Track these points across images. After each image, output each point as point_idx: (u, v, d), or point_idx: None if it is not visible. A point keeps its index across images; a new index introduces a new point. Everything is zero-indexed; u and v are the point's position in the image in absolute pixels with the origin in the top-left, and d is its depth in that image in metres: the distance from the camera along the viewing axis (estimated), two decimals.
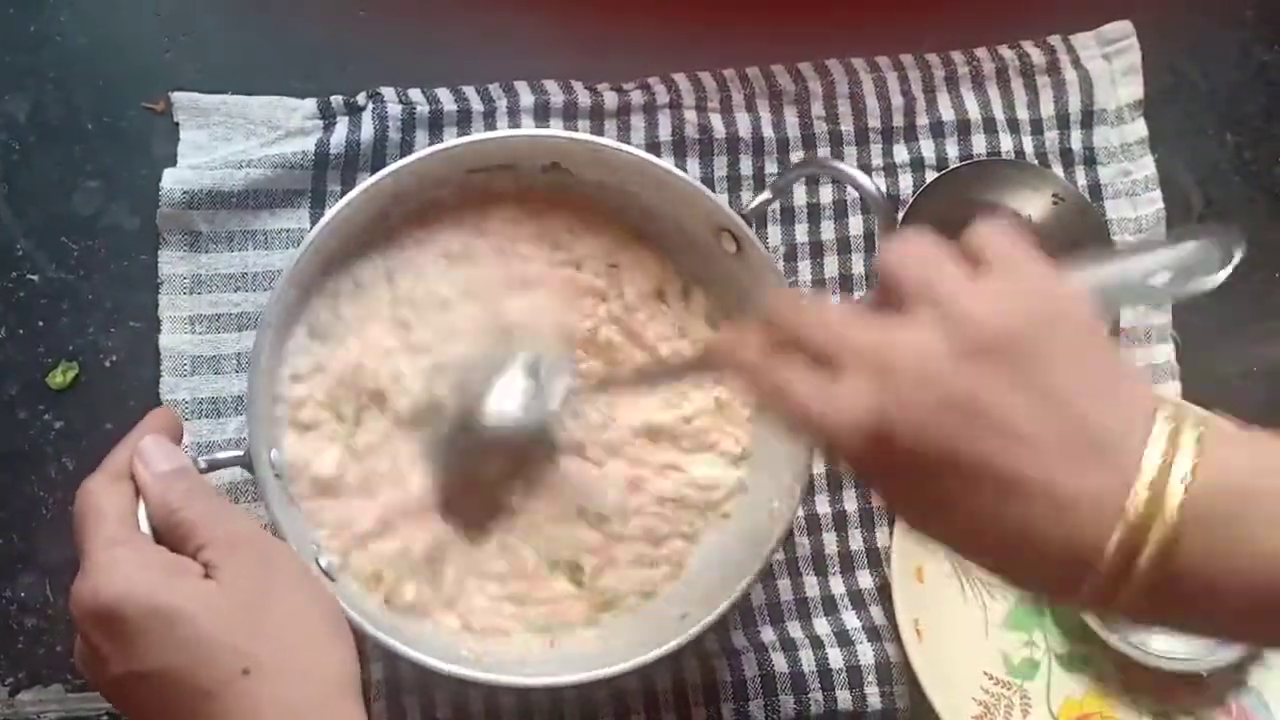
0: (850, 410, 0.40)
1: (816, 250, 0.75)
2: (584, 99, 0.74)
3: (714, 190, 0.72)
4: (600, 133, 0.74)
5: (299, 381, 0.64)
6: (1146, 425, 0.38)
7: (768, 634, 0.69)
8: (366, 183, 0.62)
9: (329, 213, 0.62)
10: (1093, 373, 0.40)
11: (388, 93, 0.72)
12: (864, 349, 0.41)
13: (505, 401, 0.63)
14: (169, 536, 0.51)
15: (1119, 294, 0.48)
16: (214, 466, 0.59)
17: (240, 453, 0.60)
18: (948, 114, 0.76)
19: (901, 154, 0.76)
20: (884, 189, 0.75)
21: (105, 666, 0.47)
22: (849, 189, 0.74)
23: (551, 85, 0.74)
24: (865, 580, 0.71)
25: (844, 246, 0.74)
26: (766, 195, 0.65)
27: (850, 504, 0.72)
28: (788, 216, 0.75)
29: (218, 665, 0.46)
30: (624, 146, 0.64)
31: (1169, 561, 0.37)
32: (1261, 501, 0.37)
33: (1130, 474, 0.37)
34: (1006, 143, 0.76)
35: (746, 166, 0.75)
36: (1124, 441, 0.38)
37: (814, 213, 0.75)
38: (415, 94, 0.73)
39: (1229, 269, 0.45)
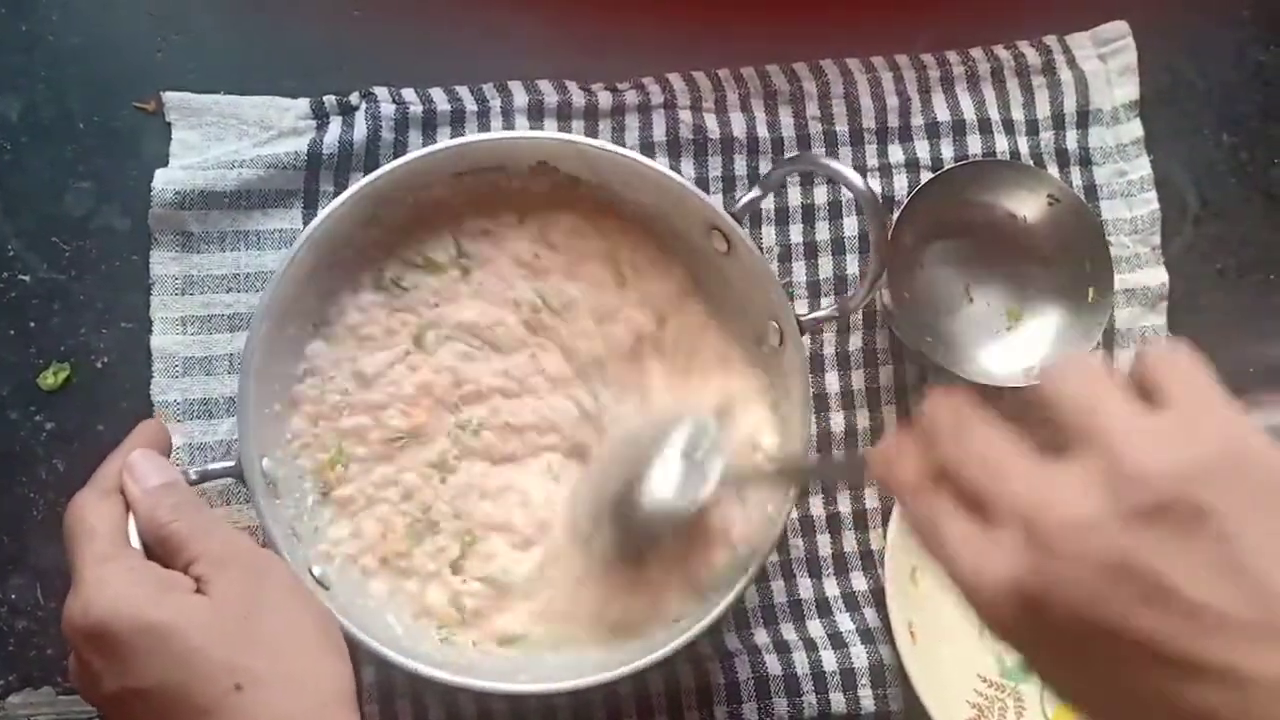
0: (999, 570, 0.37)
1: (810, 251, 0.74)
2: (578, 99, 0.74)
3: (708, 191, 0.72)
4: (594, 133, 0.74)
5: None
6: None
7: (761, 636, 0.69)
8: (359, 184, 0.62)
9: (321, 213, 0.62)
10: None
11: (381, 93, 0.72)
12: (1020, 500, 0.37)
13: (663, 485, 0.60)
14: (159, 551, 0.51)
15: None
16: (205, 478, 0.59)
17: (232, 463, 0.60)
18: (943, 114, 0.76)
19: (897, 154, 0.76)
20: (879, 190, 0.75)
21: (99, 683, 0.47)
22: (844, 189, 0.74)
23: (545, 85, 0.74)
24: (859, 582, 0.71)
25: (838, 248, 0.74)
26: (756, 192, 0.65)
27: (844, 506, 0.72)
28: (782, 217, 0.74)
29: (210, 681, 0.46)
30: (610, 146, 0.64)
31: None
32: None
33: None
34: (1002, 143, 0.76)
35: (741, 167, 0.74)
36: None
37: (808, 213, 0.75)
38: (409, 94, 0.72)
39: None
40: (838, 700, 0.68)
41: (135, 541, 0.51)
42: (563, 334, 0.67)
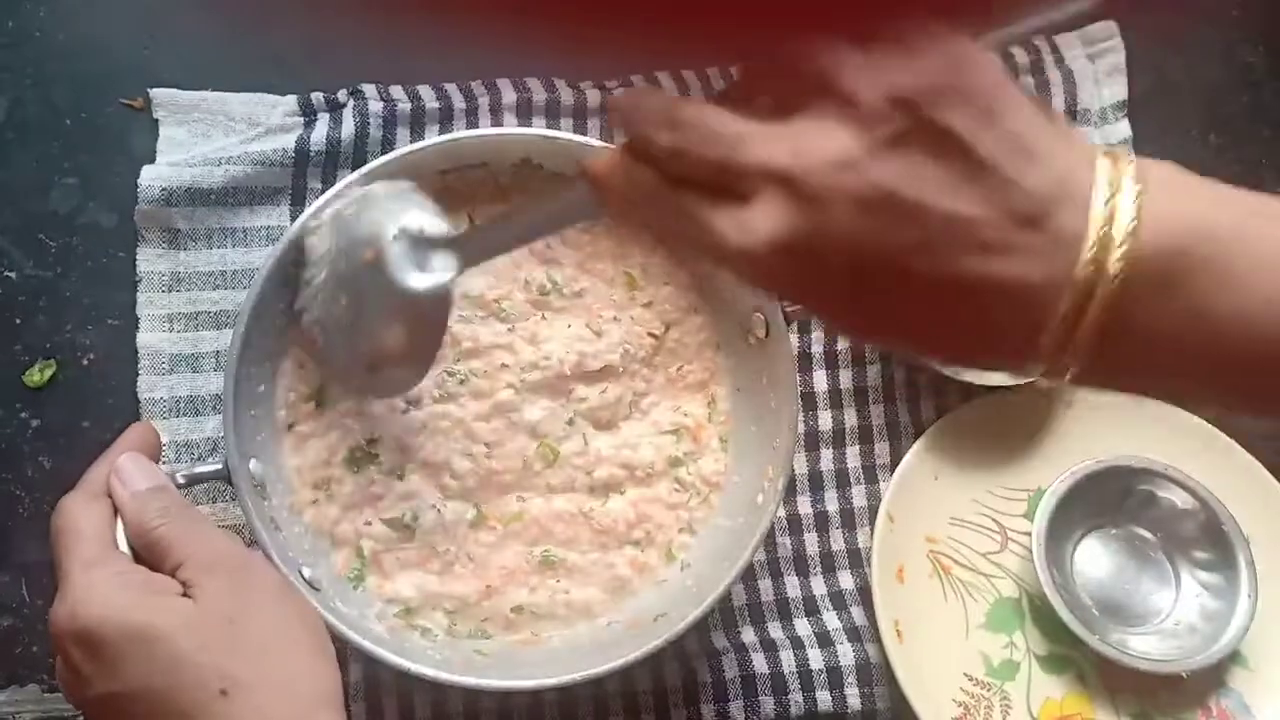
0: (765, 231, 0.37)
1: None
2: (566, 97, 0.74)
3: None
4: (583, 131, 0.73)
5: None
6: (1084, 179, 0.36)
7: (748, 635, 0.69)
8: (346, 180, 0.62)
9: (309, 210, 0.61)
10: (1017, 133, 0.36)
11: (369, 90, 0.72)
12: (766, 161, 0.37)
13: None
14: (147, 555, 0.51)
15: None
16: (193, 481, 0.59)
17: (219, 466, 0.60)
18: None
19: None
20: None
21: (85, 686, 0.47)
22: None
23: (534, 83, 0.74)
24: (846, 581, 0.71)
25: None
26: None
27: (832, 504, 0.72)
28: None
29: (196, 685, 0.46)
30: (598, 143, 0.64)
31: (1115, 318, 0.35)
32: (1206, 261, 0.35)
33: (1075, 235, 0.35)
34: None
35: None
36: (1061, 205, 0.35)
37: None
38: (397, 91, 0.72)
39: None
40: (824, 699, 0.68)
41: (123, 545, 0.51)
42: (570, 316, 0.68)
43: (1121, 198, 0.35)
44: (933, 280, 0.36)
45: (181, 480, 0.58)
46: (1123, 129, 0.77)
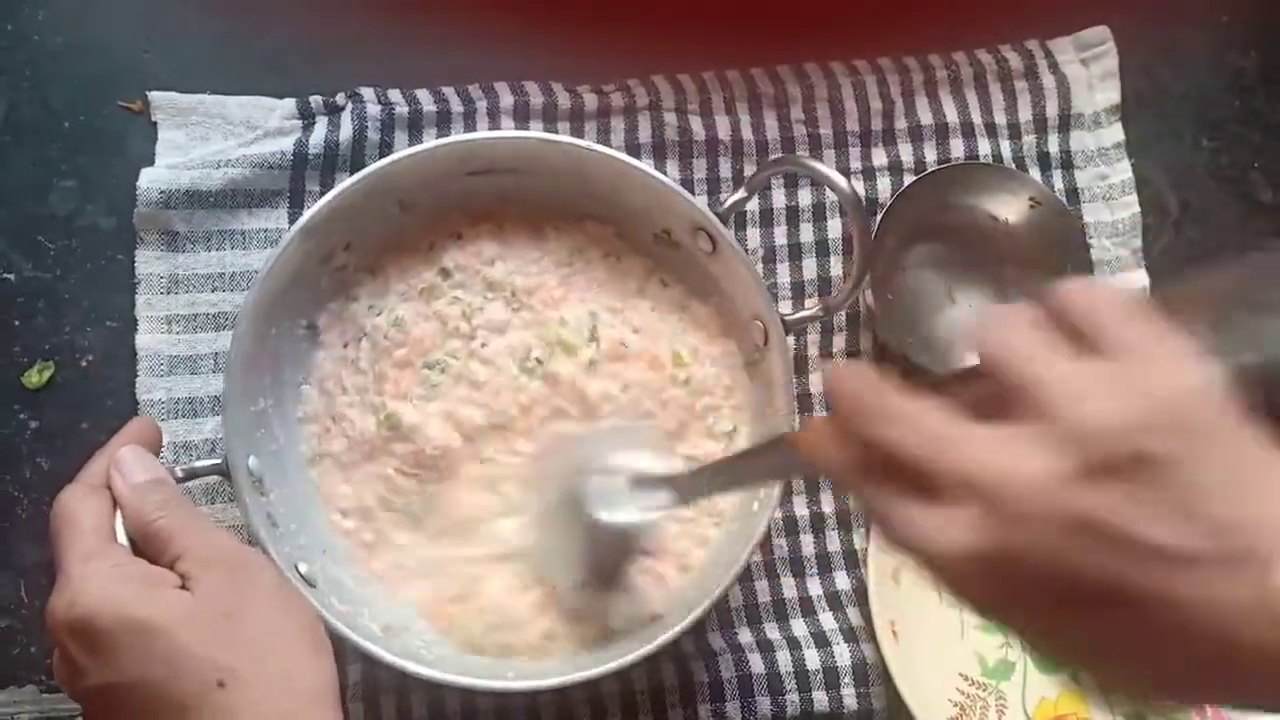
0: (961, 545, 0.36)
1: (795, 253, 0.75)
2: (564, 100, 0.74)
3: (693, 192, 0.72)
4: (580, 134, 0.74)
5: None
6: None
7: (745, 635, 0.70)
8: (345, 183, 0.62)
9: (307, 213, 0.62)
10: (1231, 466, 0.35)
11: (367, 93, 0.72)
12: (970, 473, 0.36)
13: (605, 503, 0.60)
14: (145, 548, 0.51)
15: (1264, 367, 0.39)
16: (191, 475, 0.59)
17: (218, 461, 0.60)
18: (926, 118, 0.77)
19: (880, 157, 0.76)
20: (862, 192, 0.75)
21: (82, 678, 0.47)
22: (828, 192, 0.74)
23: (531, 86, 0.74)
24: (842, 582, 0.72)
25: (822, 249, 0.75)
26: (741, 193, 0.65)
27: (828, 506, 0.73)
28: (766, 219, 0.75)
29: (193, 678, 0.46)
30: (598, 147, 0.65)
31: None
32: None
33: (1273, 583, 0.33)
34: (984, 147, 0.77)
35: (726, 169, 0.75)
36: (1265, 539, 0.34)
37: (793, 215, 0.75)
38: (394, 94, 0.73)
39: None
40: (821, 699, 0.68)
41: (122, 538, 0.51)
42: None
43: None
44: (1136, 602, 0.34)
45: (180, 474, 0.58)
46: (1116, 133, 0.78)
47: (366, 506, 0.65)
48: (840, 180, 0.62)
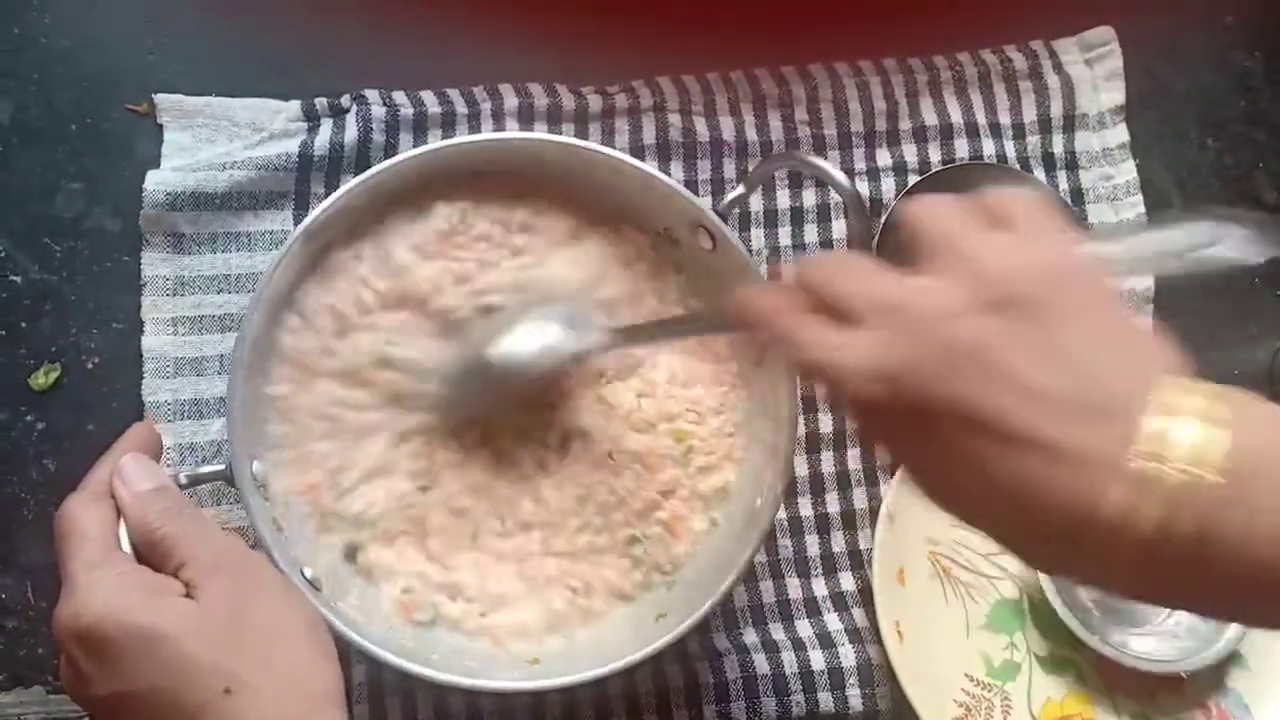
0: (862, 356, 0.41)
1: (799, 253, 0.75)
2: (568, 102, 0.74)
3: (697, 194, 0.72)
4: (584, 136, 0.74)
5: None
6: (1150, 388, 0.38)
7: (750, 636, 0.70)
8: (349, 185, 0.62)
9: (312, 214, 0.62)
10: (1103, 332, 0.40)
11: (372, 95, 0.72)
12: (881, 299, 0.42)
13: (523, 343, 0.62)
14: (150, 555, 0.51)
15: (1135, 262, 0.46)
16: (195, 482, 0.59)
17: (222, 466, 0.60)
18: (930, 118, 0.77)
19: (884, 158, 0.76)
20: (867, 193, 0.75)
21: (89, 687, 0.47)
22: (832, 192, 0.74)
23: (536, 88, 0.74)
24: (847, 582, 0.72)
25: (827, 249, 0.75)
26: (741, 189, 0.65)
27: (833, 506, 0.73)
28: (770, 219, 0.75)
29: (200, 685, 0.46)
30: (600, 148, 0.65)
31: (1163, 531, 0.36)
32: (1259, 485, 0.36)
33: (1130, 438, 0.37)
34: (989, 147, 0.77)
35: (730, 170, 0.75)
36: (1128, 404, 0.37)
37: (796, 215, 0.75)
38: (399, 96, 0.73)
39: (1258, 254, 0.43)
40: (826, 699, 0.68)
41: (126, 546, 0.52)
42: None
43: (1187, 409, 0.37)
44: (1000, 438, 0.39)
45: (184, 481, 0.58)
46: (1120, 133, 0.78)
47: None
48: (840, 176, 0.61)
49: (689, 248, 0.67)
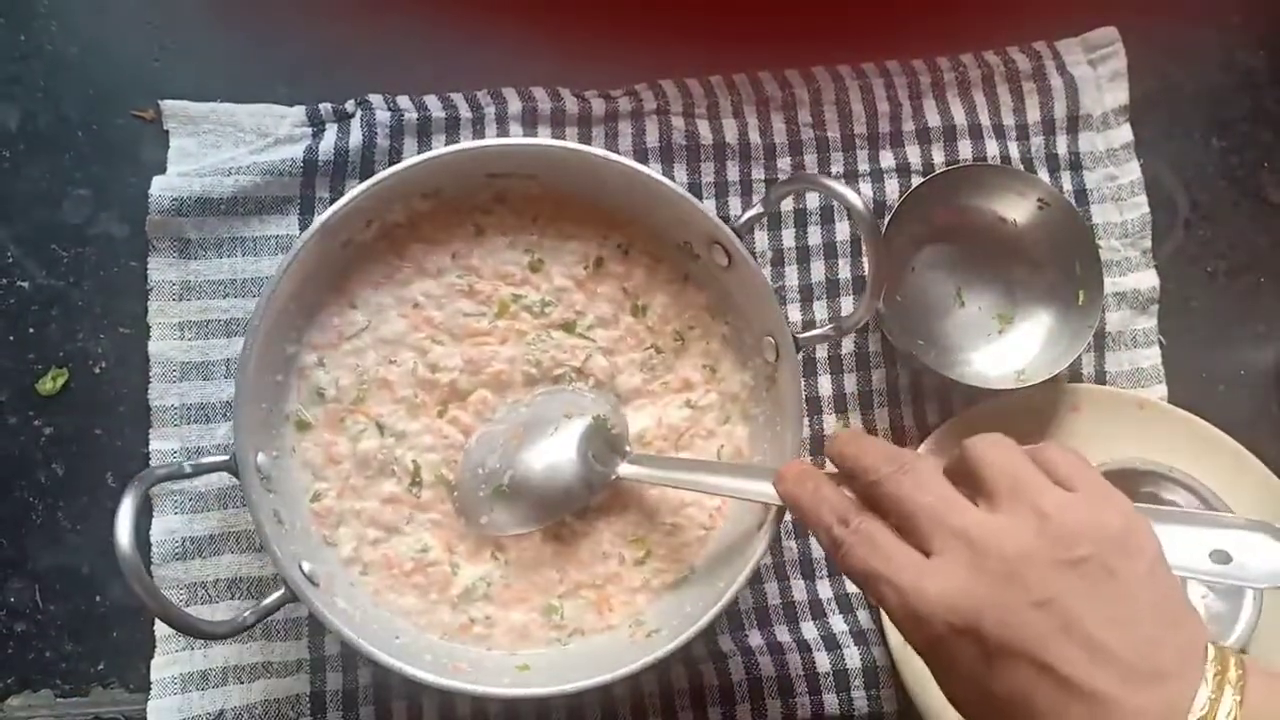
0: (943, 590, 0.44)
1: (803, 255, 0.75)
2: (572, 106, 0.74)
3: (701, 197, 0.72)
4: (588, 139, 0.74)
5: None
6: (1200, 660, 0.42)
7: (755, 638, 0.70)
8: (354, 190, 0.62)
9: (318, 219, 0.62)
10: (1160, 603, 0.43)
11: (376, 100, 0.72)
12: (961, 533, 0.45)
13: (554, 463, 0.65)
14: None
15: (1185, 552, 0.49)
16: (199, 471, 0.60)
17: (225, 457, 0.60)
18: (934, 120, 0.77)
19: (888, 160, 0.76)
20: (870, 195, 0.75)
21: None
22: None
23: (539, 92, 0.75)
24: (852, 584, 0.72)
25: (830, 252, 0.75)
26: (758, 209, 0.65)
27: None
28: (774, 222, 0.75)
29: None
30: (611, 155, 0.65)
31: None
32: None
33: (1183, 704, 0.41)
34: (992, 148, 0.77)
35: (733, 173, 0.75)
36: (1182, 671, 0.42)
37: (800, 219, 0.75)
38: (404, 101, 0.73)
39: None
40: (831, 701, 0.68)
41: None
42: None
43: (1229, 680, 0.42)
44: (1060, 682, 0.42)
45: (189, 470, 0.59)
46: (1125, 133, 0.78)
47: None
48: (855, 200, 0.60)
49: (707, 263, 0.67)
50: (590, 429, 0.66)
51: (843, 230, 0.75)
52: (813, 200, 0.75)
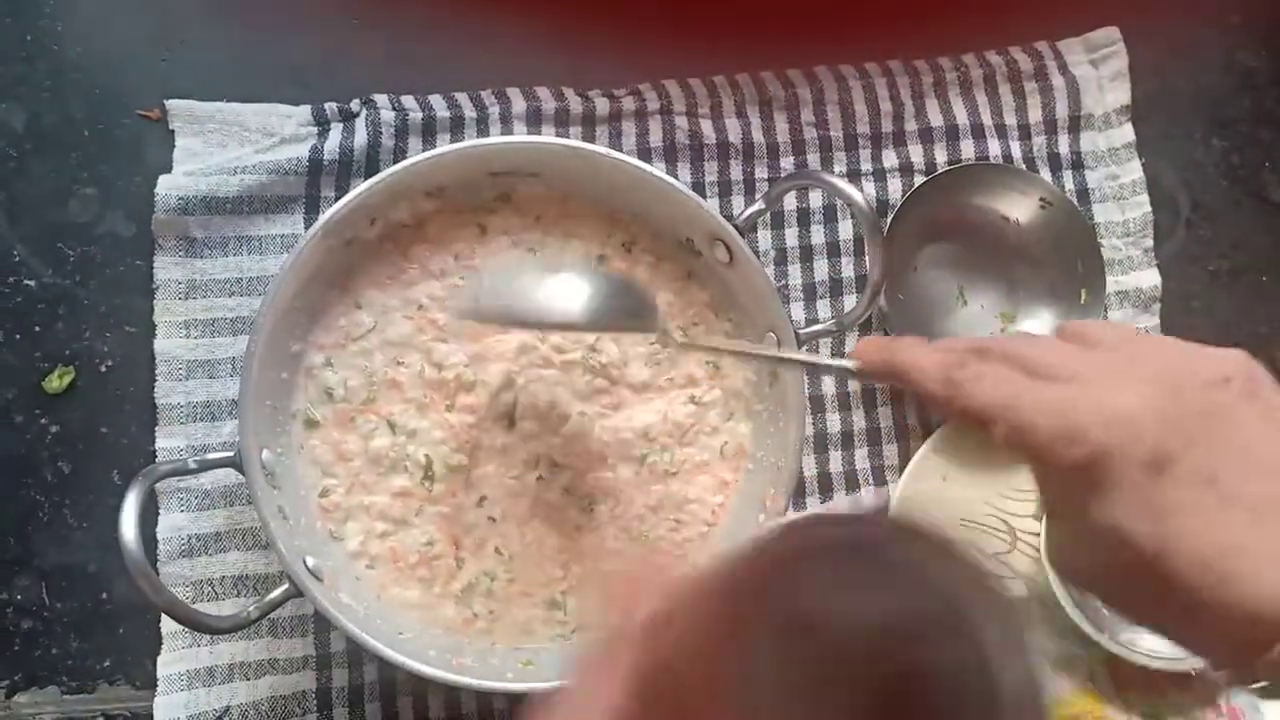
0: (1101, 400, 0.41)
1: (806, 254, 0.75)
2: (576, 105, 0.75)
3: (704, 196, 0.72)
4: (591, 139, 0.75)
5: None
6: None
7: None
8: (359, 188, 0.63)
9: (322, 217, 0.62)
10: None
11: (381, 99, 0.73)
12: (1102, 361, 0.43)
13: (566, 299, 0.56)
14: None
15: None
16: (204, 466, 0.60)
17: (231, 453, 0.60)
18: (936, 119, 0.77)
19: (890, 159, 0.77)
20: (873, 194, 0.76)
21: None
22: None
23: (544, 91, 0.75)
24: None
25: (833, 251, 0.75)
26: (760, 205, 0.65)
27: (842, 507, 0.73)
28: (777, 221, 0.75)
29: None
30: (615, 153, 0.65)
31: None
32: None
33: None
34: (994, 148, 0.77)
35: (737, 172, 0.75)
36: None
37: (804, 217, 0.75)
38: (408, 100, 0.73)
39: None
40: None
41: None
42: None
43: None
44: (1225, 497, 0.40)
45: (194, 465, 0.59)
46: (1126, 133, 0.78)
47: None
48: (858, 197, 0.61)
49: (708, 261, 0.67)
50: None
51: (845, 229, 0.75)
52: (815, 199, 0.76)
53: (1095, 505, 0.41)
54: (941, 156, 0.77)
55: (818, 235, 0.75)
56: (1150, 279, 0.77)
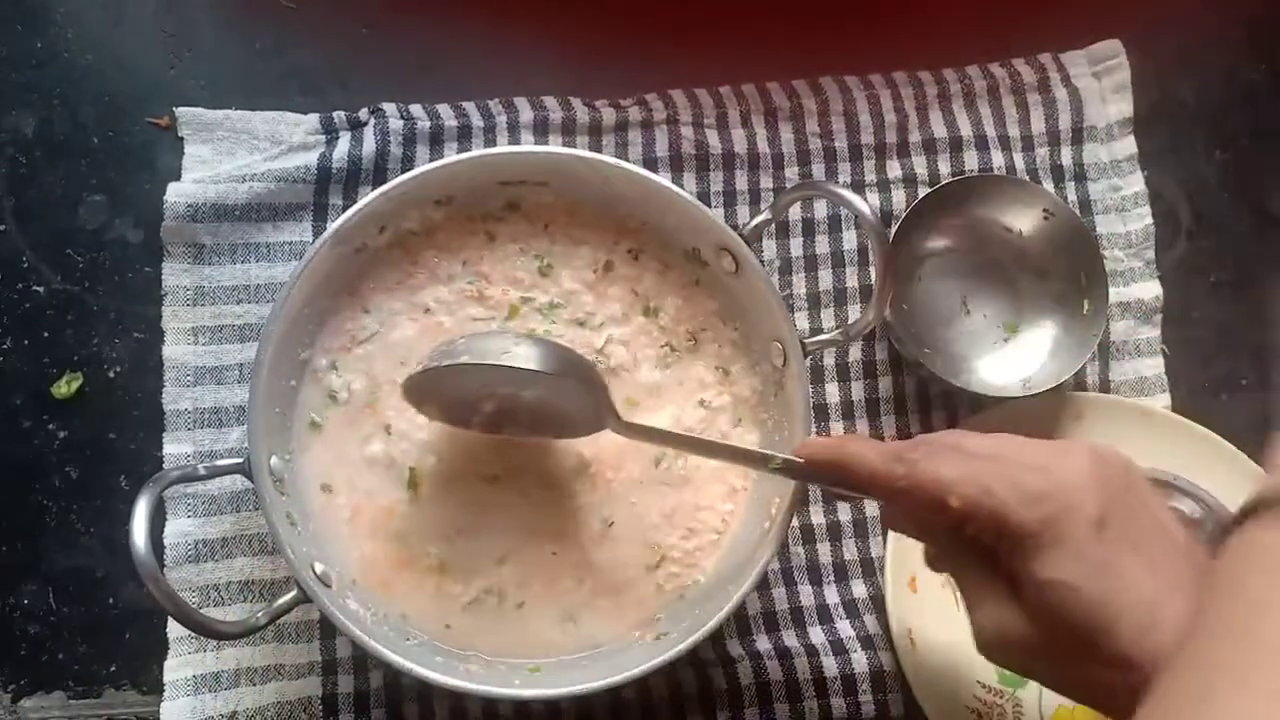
0: (1065, 470, 0.48)
1: (811, 264, 0.76)
2: (582, 115, 0.75)
3: (710, 205, 0.73)
4: (598, 148, 0.75)
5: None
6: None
7: (763, 643, 0.70)
8: (368, 197, 0.63)
9: (331, 226, 0.63)
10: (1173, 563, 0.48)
11: (389, 108, 0.73)
12: (1037, 446, 0.50)
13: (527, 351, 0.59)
14: None
15: None
16: (213, 473, 0.60)
17: (239, 460, 0.60)
18: (940, 131, 0.78)
19: (895, 170, 0.77)
20: (877, 205, 0.76)
21: None
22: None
23: (550, 101, 0.75)
24: (859, 590, 0.72)
25: (838, 260, 0.76)
26: (766, 215, 0.66)
27: (844, 514, 0.73)
28: (782, 231, 0.76)
29: None
30: (623, 163, 0.65)
31: None
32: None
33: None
34: (998, 159, 0.78)
35: (742, 182, 0.76)
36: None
37: (809, 227, 0.76)
38: (416, 109, 0.74)
39: None
40: (839, 705, 0.68)
41: None
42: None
43: None
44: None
45: (203, 472, 0.59)
46: (1129, 145, 0.79)
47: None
48: (864, 208, 0.61)
49: (714, 270, 0.68)
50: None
51: (850, 239, 0.76)
52: (820, 209, 0.76)
53: (1042, 564, 0.47)
54: (945, 168, 0.77)
55: (823, 245, 0.76)
56: (1152, 290, 0.77)
